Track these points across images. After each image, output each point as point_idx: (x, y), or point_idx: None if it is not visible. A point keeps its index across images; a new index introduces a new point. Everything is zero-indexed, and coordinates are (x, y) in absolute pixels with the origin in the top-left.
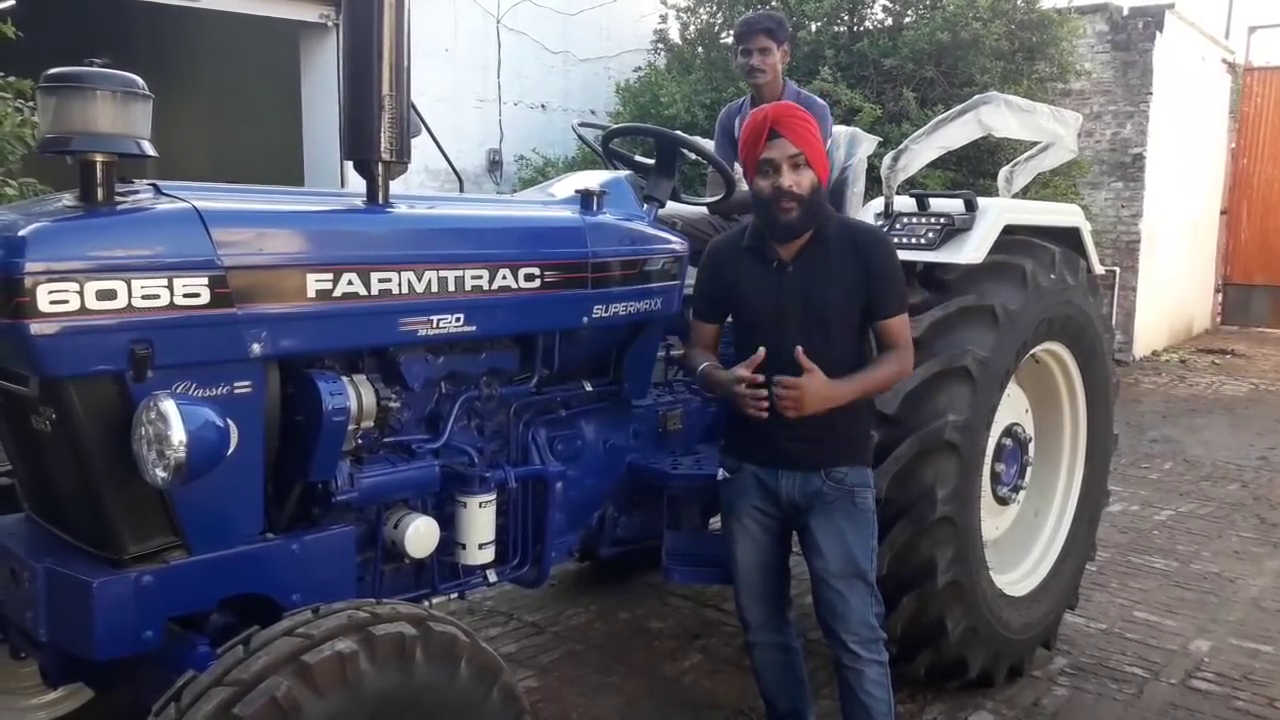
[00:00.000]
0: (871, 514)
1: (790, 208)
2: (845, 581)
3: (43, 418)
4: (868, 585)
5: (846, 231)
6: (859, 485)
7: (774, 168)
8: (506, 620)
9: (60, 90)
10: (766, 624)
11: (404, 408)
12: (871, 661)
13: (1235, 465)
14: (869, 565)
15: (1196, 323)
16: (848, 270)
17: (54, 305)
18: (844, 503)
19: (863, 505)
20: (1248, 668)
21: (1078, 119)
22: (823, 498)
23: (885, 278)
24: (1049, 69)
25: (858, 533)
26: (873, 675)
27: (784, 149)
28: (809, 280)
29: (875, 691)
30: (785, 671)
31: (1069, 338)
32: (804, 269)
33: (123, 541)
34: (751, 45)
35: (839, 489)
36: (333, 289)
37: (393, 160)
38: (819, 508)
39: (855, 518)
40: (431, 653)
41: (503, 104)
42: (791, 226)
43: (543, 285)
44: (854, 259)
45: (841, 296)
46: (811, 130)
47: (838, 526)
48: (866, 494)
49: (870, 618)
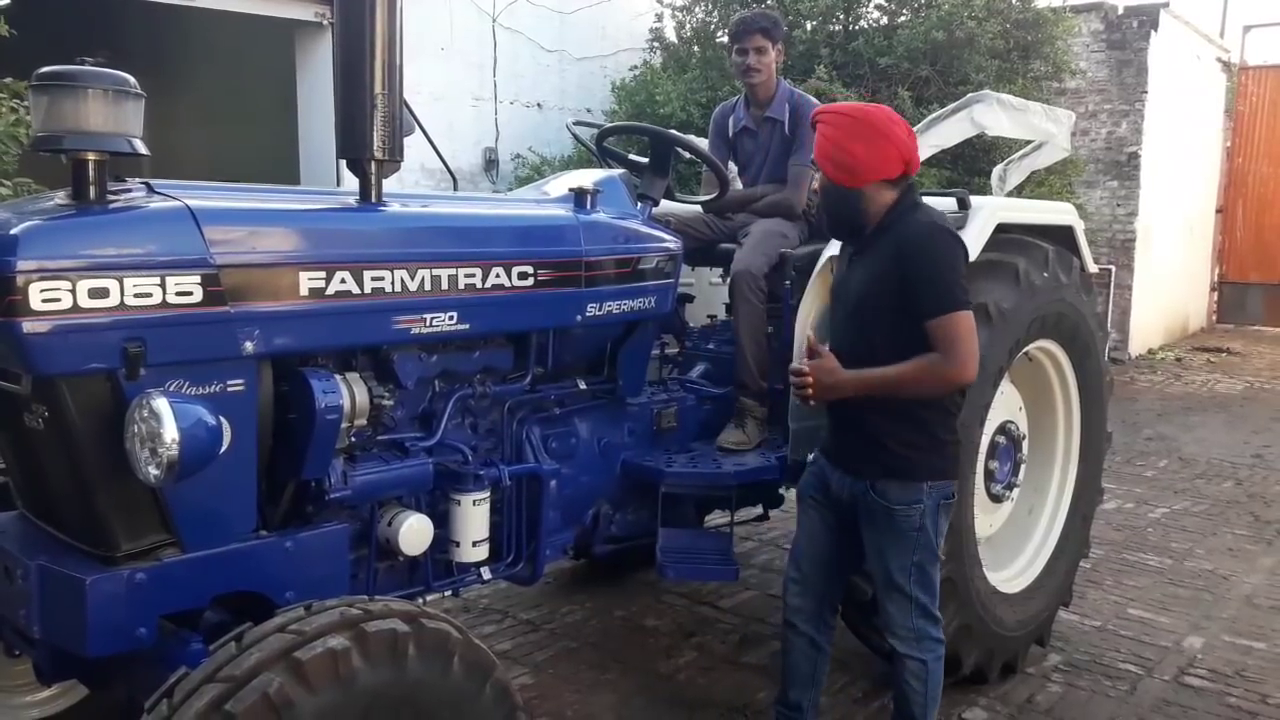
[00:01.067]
0: (918, 532)
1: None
2: (884, 591)
3: (35, 416)
4: (905, 596)
5: (903, 226)
6: (902, 503)
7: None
8: (501, 618)
9: (52, 89)
10: (801, 613)
11: (397, 406)
12: (909, 657)
13: (1230, 463)
14: (907, 580)
15: (1192, 321)
16: (886, 265)
17: (46, 304)
18: (884, 518)
19: (904, 525)
20: (1241, 664)
21: (1071, 117)
22: (868, 507)
23: (918, 279)
24: (1044, 68)
25: (897, 550)
26: (912, 668)
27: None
28: (857, 272)
29: (913, 683)
30: (805, 663)
31: (1063, 336)
32: (859, 260)
33: (116, 539)
34: (747, 45)
35: (881, 504)
36: (326, 287)
37: (385, 159)
38: (865, 515)
39: (894, 535)
40: (424, 649)
41: (498, 103)
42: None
43: (536, 284)
44: (894, 254)
45: (875, 291)
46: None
47: (878, 541)
48: (910, 513)
49: (911, 621)
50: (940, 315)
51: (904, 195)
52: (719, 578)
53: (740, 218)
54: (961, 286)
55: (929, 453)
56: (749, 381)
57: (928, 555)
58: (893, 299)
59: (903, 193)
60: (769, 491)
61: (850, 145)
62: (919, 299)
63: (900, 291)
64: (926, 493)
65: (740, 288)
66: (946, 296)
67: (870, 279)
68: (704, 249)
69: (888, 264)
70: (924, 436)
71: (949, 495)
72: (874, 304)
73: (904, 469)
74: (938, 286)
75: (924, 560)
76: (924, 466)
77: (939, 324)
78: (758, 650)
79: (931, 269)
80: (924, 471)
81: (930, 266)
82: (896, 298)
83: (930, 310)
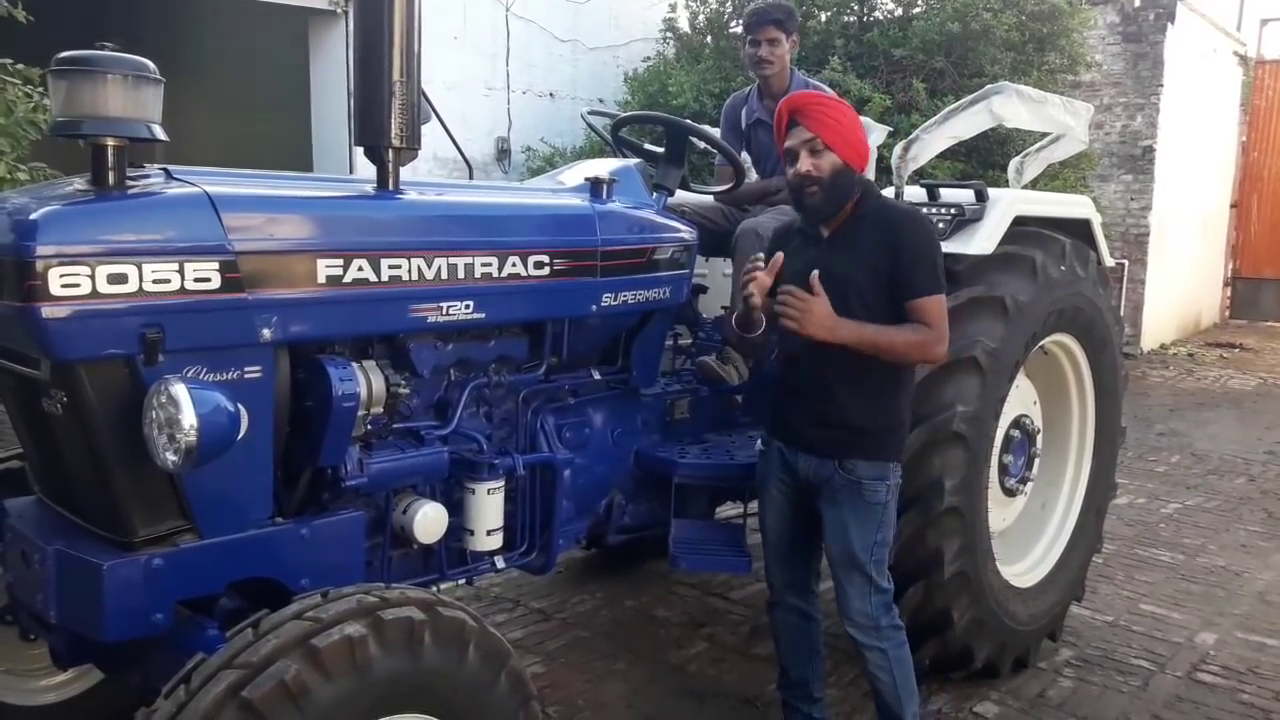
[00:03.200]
0: (882, 508)
1: (812, 191)
2: (843, 571)
3: (54, 401)
4: (865, 577)
5: (884, 211)
6: (870, 478)
7: (794, 155)
8: (513, 606)
9: (72, 74)
10: (788, 588)
11: (413, 394)
12: (870, 647)
13: (1242, 459)
14: (868, 559)
15: (1205, 316)
16: (877, 250)
17: (65, 289)
18: (851, 494)
19: (871, 499)
20: (1254, 661)
21: (1089, 110)
22: (832, 485)
23: (912, 259)
24: (1059, 60)
25: (861, 526)
26: (874, 659)
27: (800, 135)
28: (838, 257)
29: (878, 674)
30: (801, 637)
31: (1079, 329)
32: (836, 246)
33: (133, 524)
34: (760, 36)
35: (848, 480)
36: (343, 275)
37: (403, 146)
38: (828, 494)
39: (861, 511)
40: (440, 637)
41: (511, 92)
42: (817, 209)
43: (552, 273)
44: (884, 238)
45: (865, 275)
46: (831, 114)
47: (842, 517)
48: (878, 488)
49: (868, 607)
50: (929, 295)
51: (869, 185)
52: (731, 569)
53: (755, 209)
54: (942, 269)
55: (895, 434)
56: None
57: (887, 533)
58: (884, 281)
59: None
60: None
61: (859, 130)
62: (911, 278)
63: (890, 274)
64: (892, 470)
65: (742, 244)
66: (934, 279)
67: (859, 265)
68: (718, 240)
69: (878, 250)
70: (894, 418)
71: (901, 477)
72: (868, 288)
73: (872, 448)
74: (929, 268)
75: (884, 538)
76: (891, 446)
77: (927, 303)
78: (768, 642)
79: (924, 249)
80: (891, 451)
81: (925, 248)
82: (887, 280)
83: (922, 289)
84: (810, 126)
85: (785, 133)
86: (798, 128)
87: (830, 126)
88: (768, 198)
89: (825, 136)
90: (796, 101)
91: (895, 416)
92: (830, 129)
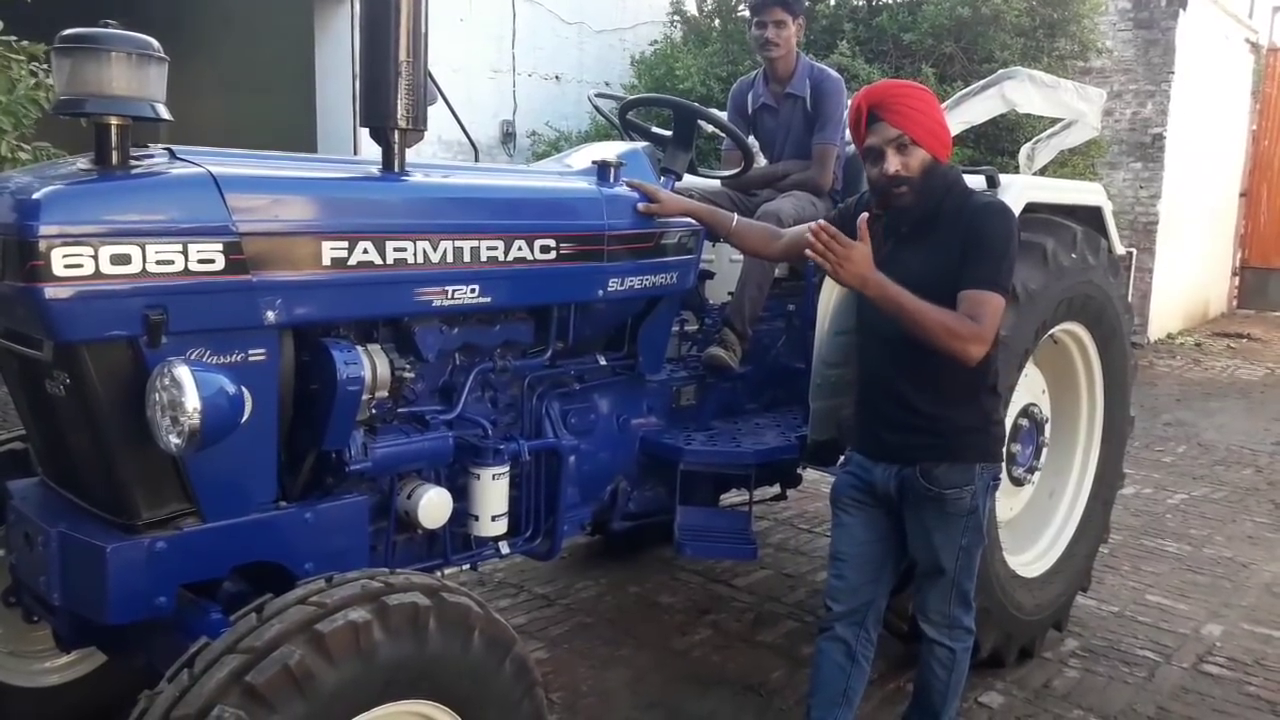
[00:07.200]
0: (968, 514)
1: (902, 192)
2: (927, 575)
3: (56, 382)
4: (950, 582)
5: (963, 203)
6: (953, 486)
7: (879, 154)
8: (517, 592)
9: (75, 51)
10: (841, 618)
11: (418, 378)
12: (940, 643)
13: (1250, 450)
14: (953, 564)
15: (1213, 306)
16: (952, 245)
17: (68, 269)
18: (933, 504)
19: (955, 508)
20: (1260, 653)
21: (1102, 96)
22: (915, 493)
23: (978, 247)
24: (1070, 46)
25: (946, 534)
26: (939, 655)
27: (884, 133)
28: (910, 254)
29: (938, 671)
30: (836, 677)
31: (1089, 318)
32: (908, 242)
33: (136, 507)
34: (766, 18)
35: (927, 488)
36: (348, 257)
37: (409, 128)
38: (911, 500)
39: (944, 519)
40: (445, 623)
41: (517, 75)
42: (908, 209)
43: (558, 257)
44: (959, 231)
45: (937, 274)
46: (915, 105)
47: (925, 525)
48: (961, 495)
49: (948, 607)
50: (985, 289)
51: (958, 177)
52: (737, 556)
53: (764, 194)
54: (1010, 272)
55: (981, 434)
56: (736, 323)
57: (975, 538)
58: (955, 280)
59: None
60: (787, 471)
61: (942, 118)
62: (973, 266)
63: (959, 269)
64: (978, 474)
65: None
66: (996, 275)
67: (935, 263)
68: None
69: (954, 240)
70: (978, 418)
71: (997, 476)
72: (939, 288)
73: (956, 451)
74: (993, 262)
75: (972, 544)
76: (976, 448)
77: (980, 296)
78: (772, 629)
79: (992, 240)
80: (975, 453)
81: (996, 243)
82: (957, 277)
83: (979, 280)
84: (895, 122)
85: (865, 129)
86: (880, 124)
87: (917, 120)
88: (775, 182)
89: (913, 132)
90: (877, 95)
91: (975, 415)
92: (918, 123)
